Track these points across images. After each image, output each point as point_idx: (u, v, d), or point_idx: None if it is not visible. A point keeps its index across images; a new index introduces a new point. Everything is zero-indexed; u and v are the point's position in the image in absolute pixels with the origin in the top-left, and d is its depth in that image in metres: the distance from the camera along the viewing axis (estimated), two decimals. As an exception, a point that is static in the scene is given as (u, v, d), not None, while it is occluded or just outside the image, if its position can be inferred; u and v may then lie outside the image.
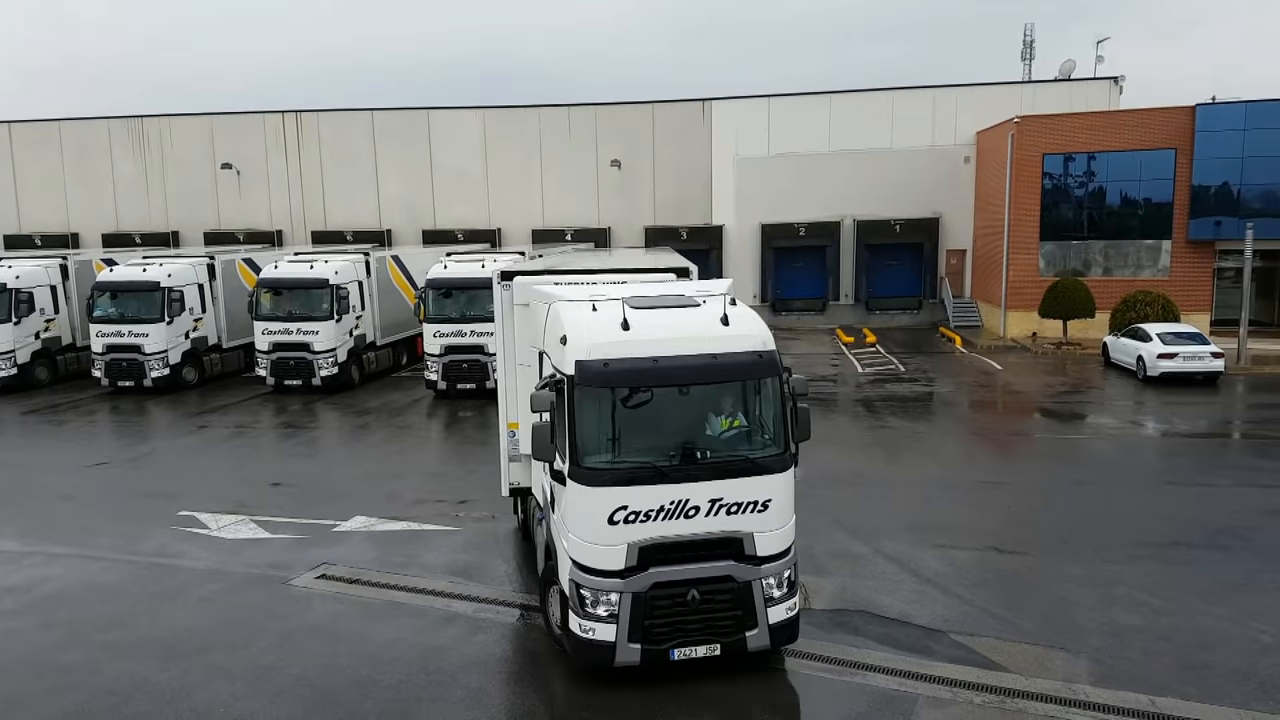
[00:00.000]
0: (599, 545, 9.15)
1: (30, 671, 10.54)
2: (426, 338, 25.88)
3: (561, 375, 9.34)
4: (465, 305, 25.77)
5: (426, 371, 25.98)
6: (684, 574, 9.23)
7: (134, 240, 45.16)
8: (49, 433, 23.62)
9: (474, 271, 26.10)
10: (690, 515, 9.18)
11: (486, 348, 25.13)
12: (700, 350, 9.26)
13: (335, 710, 9.50)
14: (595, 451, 9.26)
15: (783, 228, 42.02)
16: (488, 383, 25.02)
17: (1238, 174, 33.24)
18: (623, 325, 9.29)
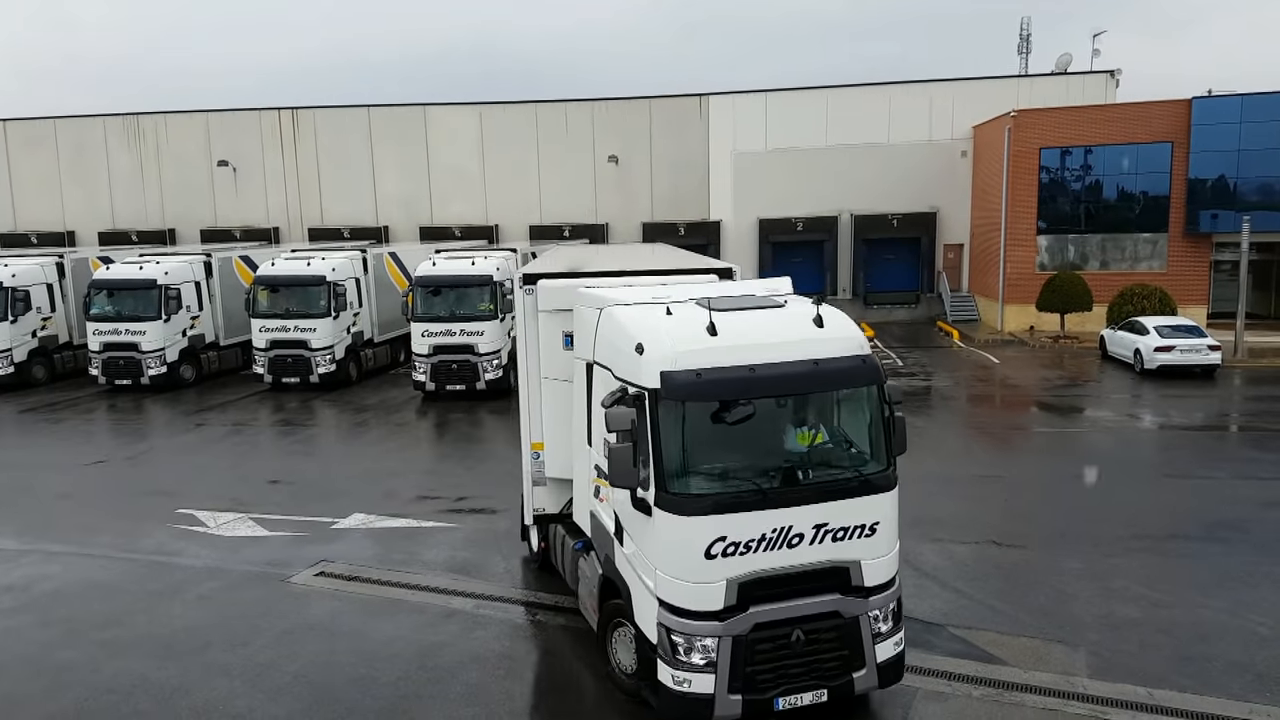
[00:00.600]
0: (695, 583, 7.99)
1: (29, 670, 10.54)
2: (414, 337, 25.11)
3: (638, 389, 8.13)
4: (455, 303, 25.07)
5: (414, 372, 25.24)
6: (788, 612, 8.15)
7: (130, 238, 45.09)
8: (46, 431, 23.59)
9: (464, 269, 25.57)
10: (794, 544, 8.12)
11: (476, 347, 24.69)
12: (800, 356, 8.22)
13: (334, 707, 9.50)
14: (686, 475, 8.11)
15: (780, 223, 42.01)
16: (478, 384, 24.65)
17: (1234, 167, 33.26)
18: (709, 329, 8.15)
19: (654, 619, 8.25)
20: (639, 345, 8.27)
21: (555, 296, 10.73)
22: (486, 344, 24.68)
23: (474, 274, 25.26)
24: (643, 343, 8.26)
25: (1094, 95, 39.70)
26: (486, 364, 24.69)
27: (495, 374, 24.75)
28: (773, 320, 8.72)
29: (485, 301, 24.90)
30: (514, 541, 14.25)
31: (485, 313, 24.79)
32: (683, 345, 8.13)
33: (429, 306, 25.10)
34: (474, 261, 25.87)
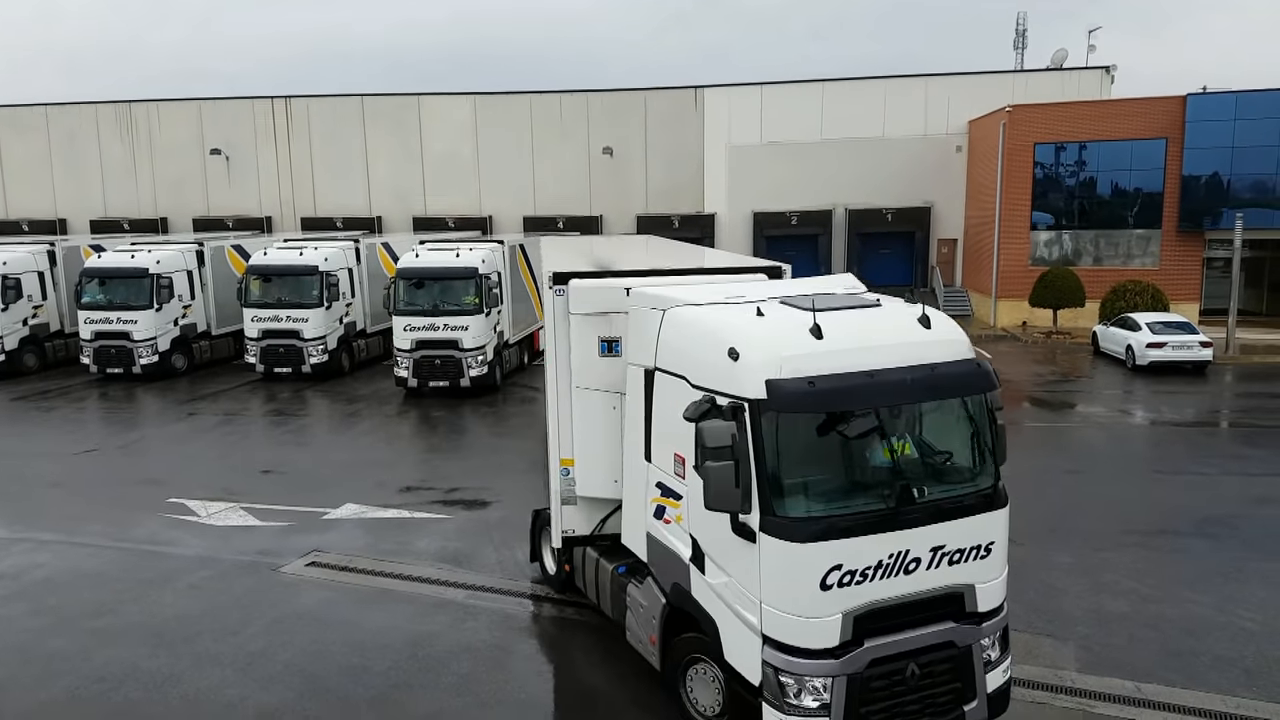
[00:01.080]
0: (808, 618, 7.13)
1: (19, 658, 10.52)
2: (396, 331, 24.22)
3: (733, 399, 7.25)
4: (438, 297, 24.24)
5: (396, 367, 24.41)
6: (903, 645, 7.42)
7: (122, 226, 44.88)
8: (38, 419, 23.51)
9: (448, 260, 24.76)
10: (910, 570, 7.38)
11: (460, 343, 23.93)
12: (912, 360, 7.45)
13: (325, 696, 9.51)
14: (796, 496, 7.30)
15: (775, 216, 42.01)
16: (462, 380, 23.97)
17: (1227, 164, 33.35)
18: (813, 332, 7.32)
19: (756, 658, 7.39)
20: (732, 350, 7.34)
21: (590, 298, 9.79)
22: (471, 339, 23.98)
23: (458, 266, 24.46)
24: (737, 347, 7.34)
25: (1089, 91, 39.75)
26: (471, 360, 23.98)
27: (480, 370, 24.11)
28: (876, 321, 7.93)
29: (470, 295, 24.13)
30: (505, 533, 14.26)
31: (470, 307, 24.06)
32: (788, 350, 7.25)
33: (412, 299, 24.33)
34: (459, 253, 25.05)
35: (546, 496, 11.66)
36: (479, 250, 25.31)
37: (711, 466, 7.08)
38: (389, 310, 24.84)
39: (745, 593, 7.42)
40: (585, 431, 10.05)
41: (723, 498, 7.12)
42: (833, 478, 7.60)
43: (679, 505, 8.26)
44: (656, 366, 8.63)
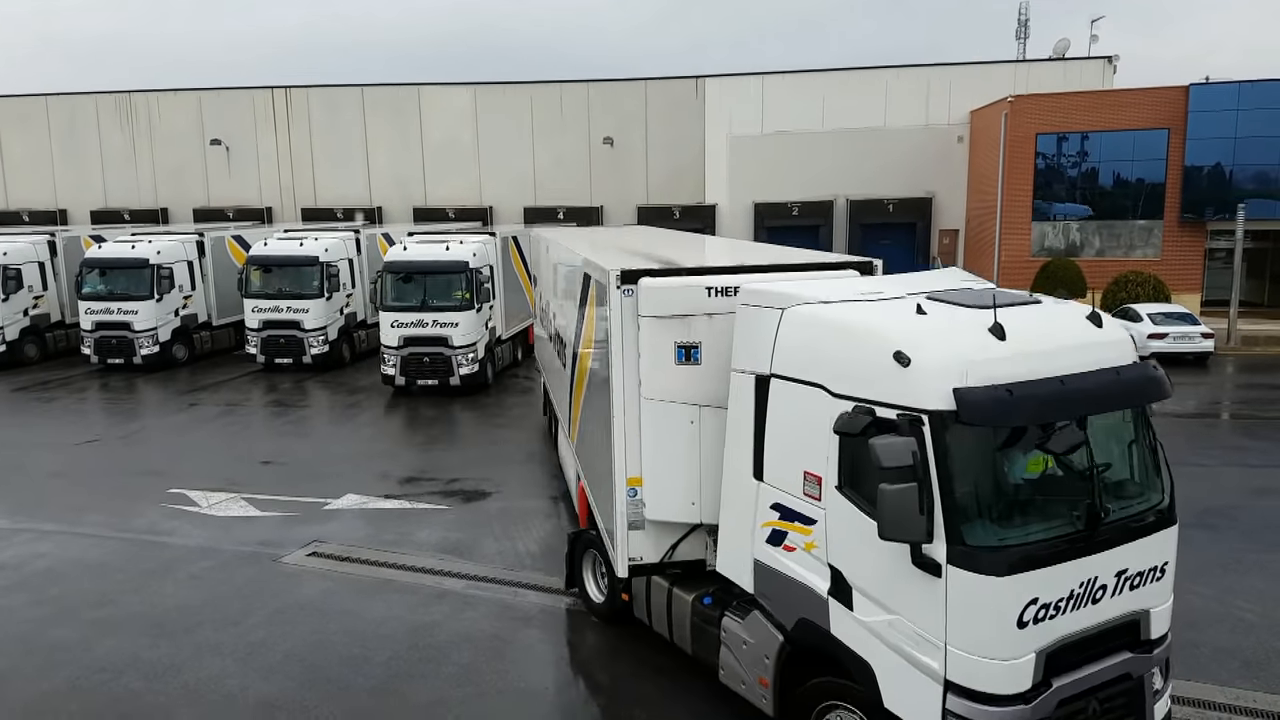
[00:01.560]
0: (1003, 660, 6.27)
1: (21, 648, 10.55)
2: (383, 328, 23.43)
3: (906, 411, 6.34)
4: (427, 292, 23.39)
5: (382, 365, 23.59)
6: (1086, 681, 6.65)
7: (123, 217, 44.82)
8: (39, 410, 23.53)
9: (437, 254, 23.80)
10: (1097, 599, 6.65)
11: (450, 340, 23.09)
12: (1095, 364, 6.67)
13: (326, 686, 9.53)
14: (990, 522, 6.41)
15: (776, 207, 41.92)
16: (451, 379, 23.18)
17: (1230, 154, 33.25)
18: (995, 332, 6.46)
19: (934, 707, 6.46)
20: (900, 354, 6.38)
21: (665, 299, 8.79)
22: (461, 336, 23.17)
23: (448, 260, 23.54)
24: (906, 350, 6.38)
25: (1091, 81, 39.60)
26: (461, 358, 23.19)
27: (470, 369, 23.33)
28: (1049, 321, 7.09)
29: (460, 290, 23.25)
30: (505, 523, 14.28)
31: (460, 302, 23.19)
32: (972, 353, 6.35)
33: (399, 294, 23.49)
34: (448, 246, 24.10)
35: (585, 517, 11.47)
36: (470, 243, 24.42)
37: (889, 490, 6.09)
38: (376, 305, 23.99)
39: (922, 633, 6.45)
40: (657, 448, 9.03)
41: (903, 526, 6.15)
42: (1022, 499, 6.72)
43: (810, 531, 7.29)
44: (773, 373, 7.66)
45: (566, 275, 13.36)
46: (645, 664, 9.91)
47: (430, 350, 23.17)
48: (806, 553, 7.37)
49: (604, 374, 9.62)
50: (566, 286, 13.26)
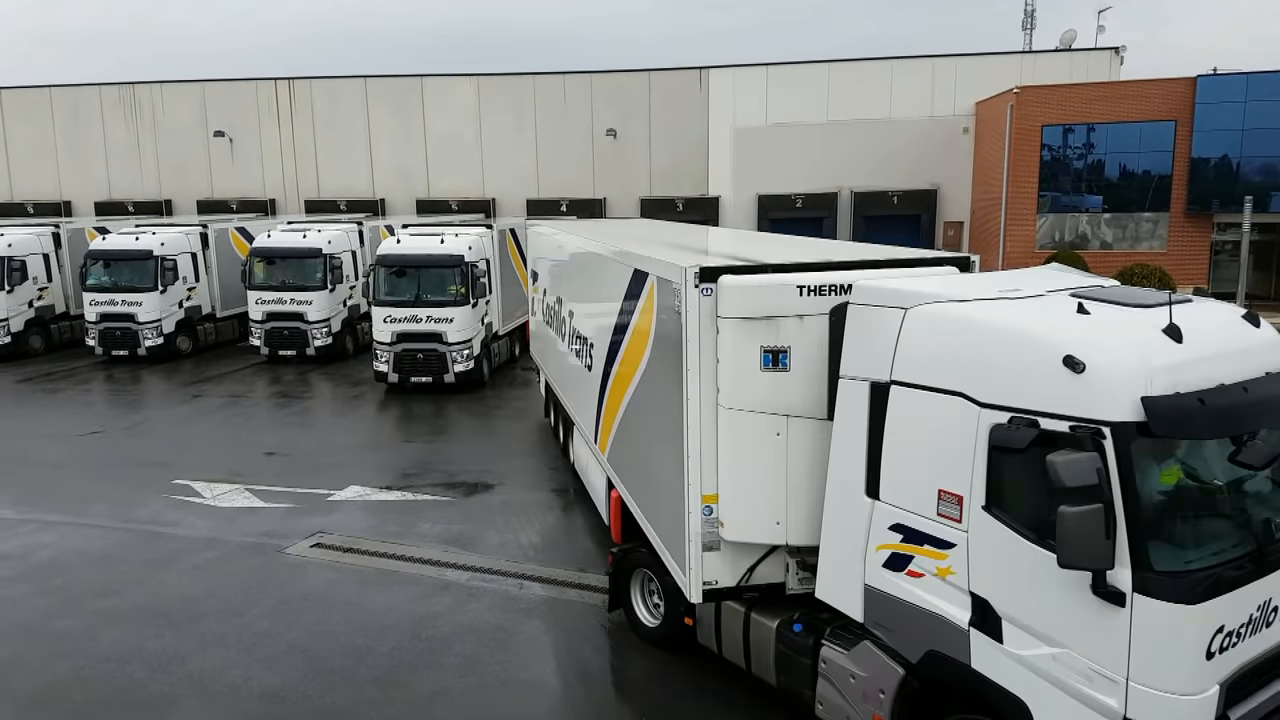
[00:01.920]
0: (1189, 695, 5.71)
1: (26, 638, 10.58)
2: (375, 323, 22.70)
3: (1085, 424, 5.72)
4: (421, 286, 22.65)
5: (375, 361, 22.84)
6: (1260, 709, 6.19)
7: (127, 208, 44.83)
8: (43, 401, 23.57)
9: (432, 247, 23.07)
10: (1270, 621, 6.16)
11: (445, 336, 22.42)
12: (1263, 368, 6.22)
13: (329, 677, 9.54)
14: (1176, 544, 5.92)
15: (779, 199, 41.81)
16: (446, 376, 22.49)
17: (1237, 146, 33.10)
18: (1171, 334, 5.95)
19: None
20: (1070, 359, 5.77)
21: (751, 299, 7.97)
22: (456, 332, 22.46)
23: (443, 253, 22.73)
24: (1079, 355, 5.77)
25: (1098, 72, 39.40)
26: (456, 354, 22.46)
27: (465, 365, 22.60)
28: (1212, 322, 6.56)
29: (455, 284, 22.49)
30: (508, 515, 14.28)
31: (456, 297, 22.45)
32: (1155, 358, 5.78)
33: (393, 289, 22.75)
34: (443, 239, 23.33)
35: (621, 532, 10.98)
36: (465, 236, 23.68)
37: (1072, 513, 5.48)
38: (368, 300, 23.32)
39: (1097, 668, 5.84)
40: (737, 463, 8.20)
41: (1087, 551, 5.54)
42: (1206, 518, 6.22)
43: (945, 556, 6.64)
44: (893, 380, 6.98)
45: (595, 271, 12.57)
46: (646, 653, 9.91)
47: (424, 346, 22.48)
48: (939, 579, 6.68)
49: (667, 381, 8.82)
50: (595, 284, 12.36)
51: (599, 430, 12.25)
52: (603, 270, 11.97)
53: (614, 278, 11.09)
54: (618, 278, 10.88)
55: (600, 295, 11.97)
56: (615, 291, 10.96)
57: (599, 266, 12.28)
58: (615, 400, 11.20)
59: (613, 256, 11.55)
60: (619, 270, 10.87)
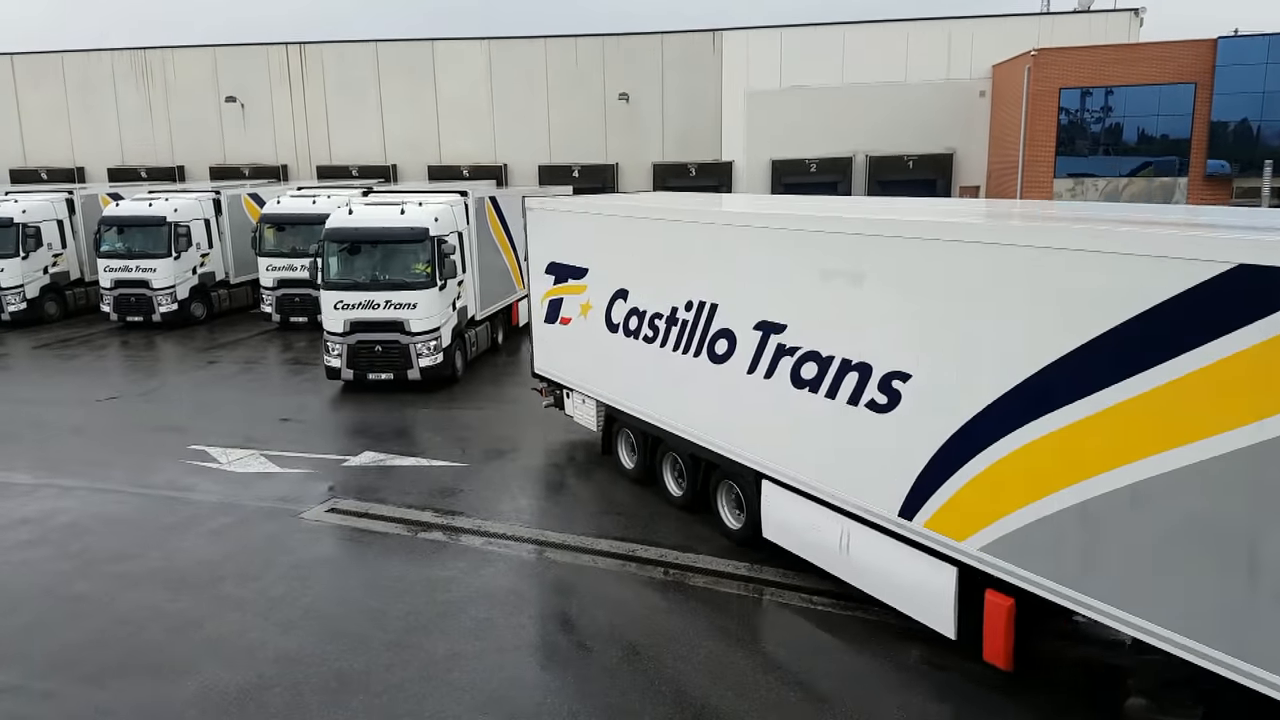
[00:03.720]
0: None
1: (46, 601, 10.74)
2: (325, 309, 19.80)
3: None
4: (379, 265, 19.73)
5: (326, 355, 19.88)
6: None
7: (140, 175, 44.89)
8: (59, 367, 23.75)
9: (390, 218, 19.93)
10: None
11: (408, 325, 19.36)
12: None
13: (345, 640, 9.66)
14: None
15: (793, 164, 41.45)
16: (410, 372, 19.60)
17: (1258, 109, 32.58)
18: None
19: None
20: None
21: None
22: (421, 320, 19.46)
23: (404, 226, 19.66)
24: None
25: (1117, 34, 38.81)
26: (421, 346, 19.47)
27: (433, 359, 19.68)
28: None
29: (420, 263, 19.50)
30: (523, 481, 14.37)
31: (420, 278, 19.46)
32: None
33: (345, 269, 19.73)
34: (404, 209, 20.18)
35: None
36: (432, 205, 20.58)
37: None
38: (315, 283, 20.19)
39: None
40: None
41: None
42: None
43: None
44: None
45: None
46: (660, 612, 9.99)
47: (383, 338, 19.50)
48: None
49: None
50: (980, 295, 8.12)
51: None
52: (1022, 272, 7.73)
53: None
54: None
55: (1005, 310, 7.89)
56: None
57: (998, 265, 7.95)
58: (1078, 465, 7.37)
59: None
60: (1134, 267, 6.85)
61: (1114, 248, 6.95)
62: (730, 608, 10.27)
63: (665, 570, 11.18)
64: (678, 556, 11.51)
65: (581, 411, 15.03)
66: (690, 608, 10.28)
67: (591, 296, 13.84)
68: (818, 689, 8.69)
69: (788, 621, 10.01)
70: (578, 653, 9.48)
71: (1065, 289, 7.28)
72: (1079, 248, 7.20)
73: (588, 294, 13.96)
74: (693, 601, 10.42)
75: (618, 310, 13.14)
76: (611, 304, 13.27)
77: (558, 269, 14.82)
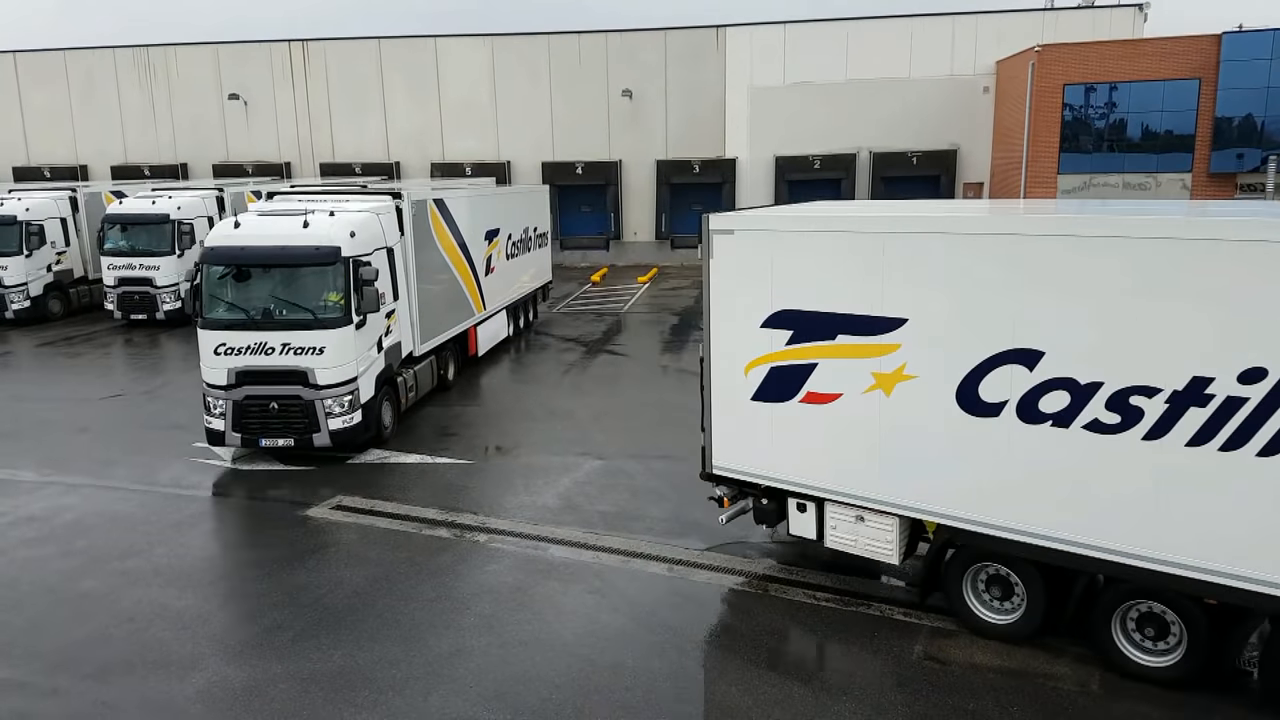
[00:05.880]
0: None
1: (51, 599, 10.75)
2: (203, 354, 14.98)
3: None
4: (275, 296, 15.00)
5: (206, 415, 15.15)
6: None
7: (143, 172, 44.89)
8: (64, 365, 23.78)
9: (291, 234, 14.97)
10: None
11: (313, 374, 14.64)
12: None
13: (350, 634, 9.67)
14: None
15: (797, 160, 41.44)
16: (316, 436, 14.80)
17: (1262, 105, 32.49)
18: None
19: None
20: None
21: None
22: (331, 369, 14.73)
23: (306, 245, 14.80)
24: None
25: (1121, 30, 38.70)
26: (332, 403, 14.80)
27: (347, 419, 14.91)
28: None
29: (330, 292, 14.82)
30: (528, 478, 14.36)
31: (330, 313, 14.79)
32: None
33: (228, 302, 14.98)
34: (308, 221, 15.22)
35: None
36: (348, 215, 15.87)
37: None
38: (191, 315, 15.38)
39: None
40: None
41: None
42: None
43: None
44: None
45: None
46: (663, 605, 9.99)
47: (280, 392, 14.77)
48: None
49: None
50: None
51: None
52: None
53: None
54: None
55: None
56: None
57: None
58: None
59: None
60: None
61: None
62: (734, 602, 10.28)
63: (669, 566, 11.19)
64: (681, 553, 11.52)
65: (850, 531, 10.18)
66: (695, 603, 10.29)
67: (917, 361, 9.44)
68: (823, 684, 8.70)
69: (792, 617, 10.01)
70: (582, 649, 9.48)
71: None
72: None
73: (904, 357, 9.50)
74: (696, 596, 10.43)
75: (1004, 382, 8.90)
76: (982, 373, 9.06)
77: (807, 321, 10.07)
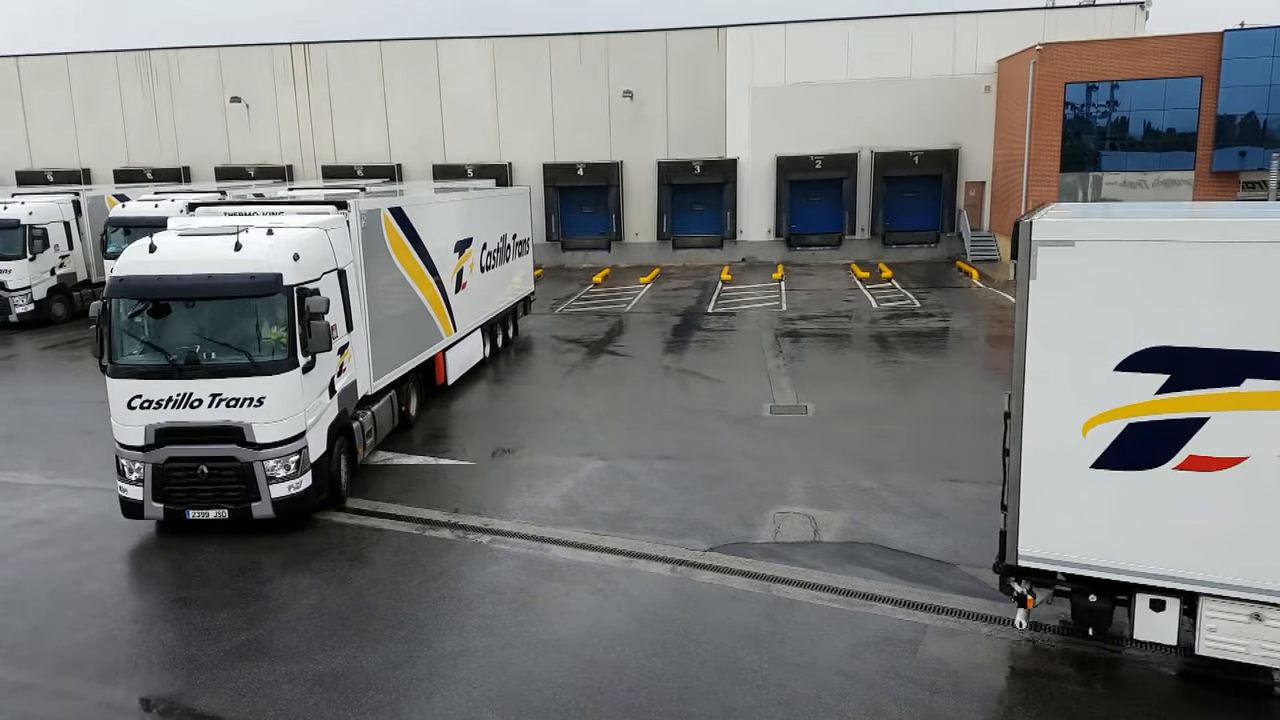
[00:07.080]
0: None
1: (56, 601, 10.80)
2: (114, 408, 12.40)
3: None
4: (202, 335, 12.32)
5: (120, 481, 12.51)
6: None
7: (145, 176, 44.97)
8: (68, 368, 23.83)
9: (220, 258, 12.14)
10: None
11: (249, 432, 12.01)
12: None
13: (354, 635, 9.71)
14: None
15: (799, 160, 41.46)
16: (256, 506, 12.13)
17: (1264, 103, 32.46)
18: None
19: None
20: None
21: None
22: (273, 423, 12.10)
23: (239, 273, 11.99)
24: None
25: (1122, 28, 38.69)
26: (275, 464, 12.17)
27: (294, 483, 12.30)
28: None
29: (270, 327, 12.20)
30: (530, 479, 14.39)
31: (270, 353, 12.15)
32: None
33: (148, 340, 12.44)
34: (241, 241, 12.26)
35: None
36: (288, 234, 12.89)
37: None
38: (100, 360, 12.50)
39: None
40: None
41: None
42: None
43: None
44: None
45: None
46: (664, 604, 10.01)
47: (210, 454, 12.09)
48: None
49: None
50: None
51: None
52: None
53: None
54: None
55: None
56: None
57: None
58: None
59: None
60: None
61: None
62: (738, 604, 10.30)
63: (671, 566, 11.22)
64: (684, 553, 11.54)
65: (1240, 634, 8.07)
66: (698, 604, 10.32)
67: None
68: (826, 685, 8.72)
69: (795, 617, 10.03)
70: (585, 650, 9.51)
71: None
72: None
73: None
74: (700, 597, 10.45)
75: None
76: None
77: (1199, 361, 7.80)
